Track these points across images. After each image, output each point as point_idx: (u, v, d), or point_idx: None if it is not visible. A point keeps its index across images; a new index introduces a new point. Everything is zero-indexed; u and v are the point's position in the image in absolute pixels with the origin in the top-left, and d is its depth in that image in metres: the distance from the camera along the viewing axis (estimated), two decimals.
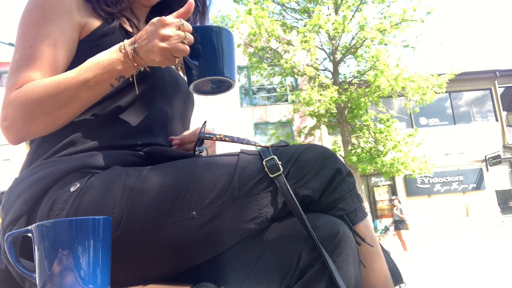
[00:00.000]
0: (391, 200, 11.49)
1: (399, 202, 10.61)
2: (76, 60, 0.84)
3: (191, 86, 0.81)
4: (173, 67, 1.05)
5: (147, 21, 1.09)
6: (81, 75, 0.75)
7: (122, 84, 0.85)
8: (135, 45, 0.75)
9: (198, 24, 1.09)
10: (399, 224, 9.93)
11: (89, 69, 0.75)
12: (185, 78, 0.86)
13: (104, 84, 0.77)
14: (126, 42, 0.76)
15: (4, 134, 0.78)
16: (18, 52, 0.79)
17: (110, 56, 0.76)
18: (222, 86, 0.85)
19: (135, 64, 0.76)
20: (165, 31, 0.73)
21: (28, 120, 0.75)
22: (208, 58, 0.78)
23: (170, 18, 0.75)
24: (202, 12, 1.10)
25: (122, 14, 0.92)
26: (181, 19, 0.76)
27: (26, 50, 0.79)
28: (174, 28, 0.74)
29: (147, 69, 0.80)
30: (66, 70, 0.82)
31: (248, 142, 0.83)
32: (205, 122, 1.03)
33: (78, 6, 0.86)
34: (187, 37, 0.75)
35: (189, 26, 0.76)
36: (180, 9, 0.78)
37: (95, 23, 0.87)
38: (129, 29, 0.94)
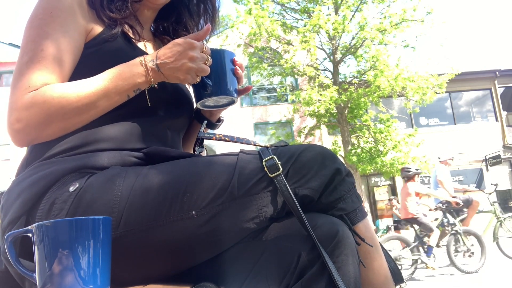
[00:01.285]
0: (389, 200, 11.51)
1: (398, 202, 10.63)
2: (77, 65, 0.84)
3: (201, 103, 0.90)
4: None
5: (153, 26, 1.09)
6: (102, 84, 0.78)
7: None
8: (158, 62, 0.80)
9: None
10: (398, 224, 9.95)
11: (111, 80, 0.79)
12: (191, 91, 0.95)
13: (123, 94, 0.81)
14: (147, 57, 0.81)
15: (13, 135, 0.77)
16: (27, 54, 0.79)
17: (131, 69, 0.80)
18: (225, 103, 0.94)
19: (152, 80, 0.81)
20: (193, 53, 0.80)
21: (44, 124, 0.76)
22: (219, 78, 0.88)
23: (196, 41, 0.82)
24: (212, 15, 1.10)
25: (126, 21, 0.93)
26: (204, 42, 0.83)
27: (37, 52, 0.79)
28: (199, 50, 0.81)
29: (156, 85, 0.83)
30: (70, 75, 0.83)
31: (247, 142, 0.84)
32: (205, 121, 1.04)
33: (84, 12, 0.86)
34: (208, 59, 0.83)
35: (209, 50, 0.84)
36: (199, 31, 0.86)
37: (98, 28, 0.88)
38: (132, 36, 0.93)
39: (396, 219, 10.19)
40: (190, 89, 1.12)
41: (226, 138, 0.83)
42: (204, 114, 1.07)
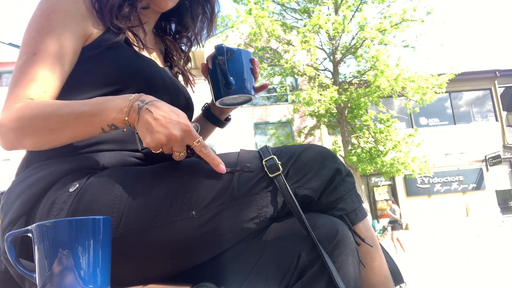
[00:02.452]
0: (386, 201, 11.54)
1: (393, 202, 10.67)
2: (76, 67, 0.83)
3: (220, 101, 0.90)
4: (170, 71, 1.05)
5: (156, 27, 1.09)
6: (80, 108, 0.72)
7: (122, 88, 0.84)
8: (146, 106, 0.69)
9: (205, 32, 1.12)
10: (394, 224, 10.00)
11: (91, 105, 0.72)
12: (186, 86, 0.94)
13: (96, 125, 0.72)
14: (144, 96, 0.72)
15: None
16: (22, 58, 0.79)
17: (115, 102, 0.72)
18: (241, 101, 0.95)
19: (127, 119, 0.70)
20: (181, 135, 0.69)
21: (19, 136, 0.75)
22: (240, 76, 0.88)
23: (195, 134, 0.71)
24: (210, 19, 1.10)
25: (131, 30, 0.91)
26: (201, 139, 0.71)
27: (29, 56, 0.78)
28: (189, 141, 0.70)
29: (131, 127, 0.72)
30: (65, 78, 0.82)
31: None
32: (197, 126, 1.05)
33: (84, 15, 0.85)
34: (183, 154, 0.72)
35: (202, 146, 0.71)
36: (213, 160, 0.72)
37: (98, 32, 0.86)
38: (135, 44, 0.92)
39: (391, 219, 10.22)
40: (196, 90, 1.13)
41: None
42: (214, 112, 1.09)
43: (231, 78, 0.87)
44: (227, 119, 1.12)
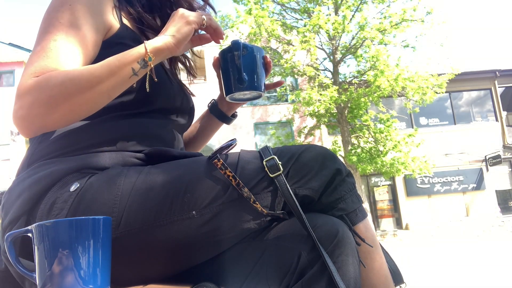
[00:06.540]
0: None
1: None
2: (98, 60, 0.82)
3: (230, 96, 0.92)
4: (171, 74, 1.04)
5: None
6: (105, 61, 0.74)
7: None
8: (165, 34, 0.79)
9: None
10: None
11: (114, 56, 0.74)
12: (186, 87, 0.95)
13: (127, 68, 0.73)
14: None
15: (18, 124, 0.72)
16: (40, 44, 0.76)
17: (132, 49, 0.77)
18: (251, 97, 0.97)
19: (151, 44, 0.77)
20: (188, 13, 0.82)
21: (47, 108, 0.70)
22: (253, 72, 0.90)
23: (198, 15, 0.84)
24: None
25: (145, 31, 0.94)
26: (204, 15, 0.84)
27: (48, 42, 0.75)
28: (198, 18, 0.83)
29: (151, 62, 0.76)
30: None
31: None
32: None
33: (108, 6, 0.85)
34: (204, 20, 0.84)
35: (211, 19, 0.86)
36: None
37: (115, 27, 0.86)
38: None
39: None
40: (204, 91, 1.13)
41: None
42: (222, 108, 1.10)
43: (244, 74, 0.89)
44: (234, 115, 1.13)
